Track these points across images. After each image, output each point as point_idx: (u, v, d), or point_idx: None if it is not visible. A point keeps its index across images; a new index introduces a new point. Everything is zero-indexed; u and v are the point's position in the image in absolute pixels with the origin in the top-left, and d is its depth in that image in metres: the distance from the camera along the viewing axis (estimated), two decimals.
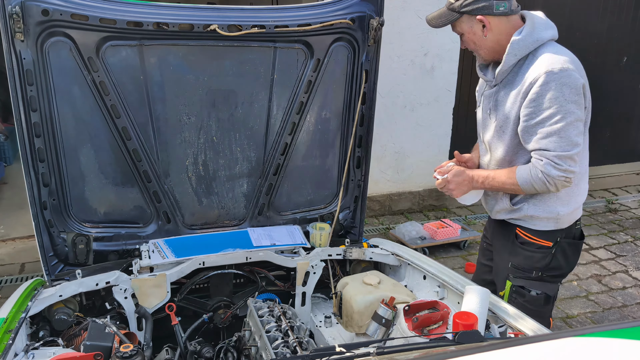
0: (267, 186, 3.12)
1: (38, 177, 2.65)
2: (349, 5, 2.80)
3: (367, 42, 2.89)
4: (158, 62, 2.66)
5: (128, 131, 2.74)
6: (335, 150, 3.19)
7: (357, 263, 3.17)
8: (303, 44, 2.83)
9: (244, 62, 2.79)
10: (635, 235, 5.80)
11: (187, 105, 2.79)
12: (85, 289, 2.61)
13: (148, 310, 2.68)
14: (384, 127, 5.73)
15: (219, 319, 2.88)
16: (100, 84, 2.60)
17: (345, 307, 2.70)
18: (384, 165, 5.99)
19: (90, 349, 2.12)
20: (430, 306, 2.46)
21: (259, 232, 3.10)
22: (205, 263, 2.82)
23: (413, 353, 1.73)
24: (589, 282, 4.85)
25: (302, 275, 2.96)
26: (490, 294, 2.37)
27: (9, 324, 2.21)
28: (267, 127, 2.98)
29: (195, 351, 2.55)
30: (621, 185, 7.28)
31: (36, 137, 2.59)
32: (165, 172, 2.90)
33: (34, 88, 2.49)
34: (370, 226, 5.91)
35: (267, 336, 2.33)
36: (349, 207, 3.33)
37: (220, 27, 2.60)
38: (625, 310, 4.43)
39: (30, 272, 4.83)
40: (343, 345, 1.73)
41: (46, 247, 2.76)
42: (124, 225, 2.97)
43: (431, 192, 6.32)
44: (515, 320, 2.29)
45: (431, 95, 5.91)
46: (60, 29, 2.44)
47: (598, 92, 7.66)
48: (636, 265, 5.14)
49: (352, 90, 3.04)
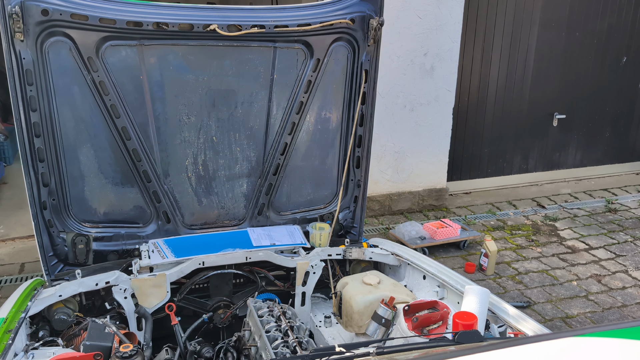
0: (267, 186, 3.13)
1: (38, 177, 2.65)
2: (348, 5, 2.80)
3: (366, 42, 2.89)
4: (158, 62, 2.66)
5: (128, 131, 2.74)
6: (335, 150, 3.19)
7: (357, 263, 3.17)
8: (303, 44, 2.83)
9: (244, 62, 2.79)
10: (635, 235, 5.80)
11: (186, 105, 2.80)
12: (85, 289, 2.61)
13: (148, 310, 2.68)
14: (384, 127, 5.73)
15: (218, 319, 2.88)
16: (100, 83, 2.60)
17: (345, 307, 2.70)
18: (384, 165, 5.99)
19: (90, 349, 2.12)
20: (430, 306, 2.46)
21: (259, 232, 3.10)
22: (205, 263, 2.82)
23: (413, 353, 1.73)
24: (589, 282, 4.85)
25: (302, 275, 2.96)
26: (490, 294, 2.37)
27: (9, 324, 2.21)
28: (266, 127, 2.98)
29: (195, 351, 2.55)
30: (621, 185, 7.28)
31: (36, 137, 2.59)
32: (165, 172, 2.90)
33: (34, 88, 2.50)
34: (370, 226, 5.91)
35: (267, 336, 2.33)
36: (349, 207, 3.33)
37: (220, 27, 2.60)
38: (625, 310, 4.43)
39: (30, 272, 4.83)
40: (343, 345, 1.73)
41: (46, 247, 2.76)
42: (123, 225, 2.97)
43: (431, 192, 6.32)
44: (515, 320, 2.29)
45: (431, 95, 5.91)
46: (60, 28, 2.44)
47: (598, 92, 7.72)
48: (636, 265, 5.14)
49: (351, 90, 3.04)
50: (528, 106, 6.89)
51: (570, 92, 7.00)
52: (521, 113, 6.89)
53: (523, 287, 4.74)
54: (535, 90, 6.84)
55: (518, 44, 6.56)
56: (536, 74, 6.77)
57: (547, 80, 6.86)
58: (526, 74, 6.73)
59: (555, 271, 5.01)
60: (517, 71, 6.68)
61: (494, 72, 6.58)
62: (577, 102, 7.08)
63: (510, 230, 5.89)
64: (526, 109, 6.89)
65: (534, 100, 6.88)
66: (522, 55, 6.62)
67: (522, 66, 6.68)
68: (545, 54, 6.72)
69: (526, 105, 6.87)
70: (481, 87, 6.59)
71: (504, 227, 5.96)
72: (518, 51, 6.59)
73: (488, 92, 6.64)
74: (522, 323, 2.25)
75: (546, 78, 6.84)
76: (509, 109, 6.82)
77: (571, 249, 5.47)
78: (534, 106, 6.91)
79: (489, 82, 6.60)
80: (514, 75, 6.68)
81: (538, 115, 6.98)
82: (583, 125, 7.25)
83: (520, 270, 5.03)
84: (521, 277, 4.89)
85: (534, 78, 6.78)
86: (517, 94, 6.78)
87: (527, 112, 6.91)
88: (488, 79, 6.59)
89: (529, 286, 4.74)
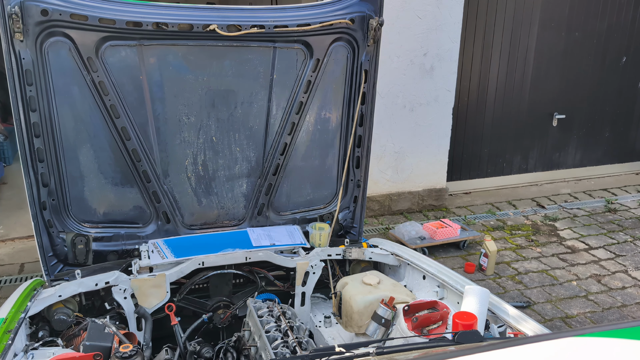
0: (267, 186, 3.12)
1: (37, 177, 2.65)
2: (348, 5, 2.80)
3: (366, 42, 2.89)
4: (157, 62, 2.66)
5: (127, 131, 2.74)
6: (335, 150, 3.19)
7: (357, 263, 3.17)
8: (302, 44, 2.83)
9: (244, 62, 2.79)
10: (634, 235, 5.80)
11: (186, 105, 2.79)
12: (84, 289, 2.61)
13: (147, 311, 2.68)
14: (384, 127, 5.73)
15: (218, 319, 2.88)
16: (99, 84, 2.60)
17: (344, 307, 2.70)
18: (384, 165, 5.99)
19: (90, 349, 2.12)
20: (429, 306, 2.46)
21: (259, 232, 3.10)
22: (205, 263, 2.81)
23: (412, 353, 1.73)
24: (589, 282, 4.85)
25: (302, 275, 2.96)
26: (490, 294, 2.37)
27: (9, 324, 2.21)
28: (266, 127, 2.98)
29: (194, 351, 2.55)
30: (620, 185, 7.28)
31: (35, 137, 2.58)
32: (165, 172, 2.90)
33: (33, 88, 2.49)
34: (370, 226, 5.91)
35: (267, 336, 2.33)
36: (349, 207, 3.33)
37: (220, 27, 2.60)
38: (624, 310, 4.44)
39: (30, 272, 4.82)
40: (343, 345, 1.73)
41: (45, 247, 2.76)
42: (123, 225, 2.97)
43: (430, 192, 6.32)
44: (515, 320, 2.29)
45: (431, 95, 5.91)
46: (59, 29, 2.44)
47: (597, 92, 7.72)
48: (635, 265, 5.14)
49: (351, 90, 3.04)
50: (528, 106, 6.89)
51: (570, 92, 7.00)
52: (521, 113, 6.89)
53: (523, 287, 4.74)
54: (535, 90, 6.84)
55: (518, 44, 6.57)
56: (536, 74, 6.77)
57: (547, 80, 6.86)
58: (526, 74, 6.73)
59: (555, 271, 5.01)
60: (516, 71, 6.68)
61: (494, 72, 6.58)
62: (577, 102, 7.09)
63: (510, 230, 5.90)
64: (526, 109, 6.89)
65: (534, 100, 6.88)
66: (521, 55, 6.62)
67: (522, 66, 6.68)
68: (545, 54, 6.72)
69: (526, 105, 6.87)
70: (481, 87, 6.59)
71: (504, 227, 5.96)
72: (518, 51, 6.59)
73: (488, 92, 6.65)
74: (522, 323, 2.25)
75: (546, 78, 6.84)
76: (509, 109, 6.82)
77: (571, 249, 5.47)
78: (533, 106, 6.91)
79: (489, 82, 6.60)
80: (513, 75, 6.68)
81: (538, 115, 6.98)
82: (583, 125, 7.25)
83: (520, 270, 5.03)
84: (521, 277, 4.89)
85: (533, 78, 6.78)
86: (516, 94, 6.78)
87: (527, 112, 6.91)
88: (488, 79, 6.59)
89: (529, 286, 4.74)
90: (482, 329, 2.18)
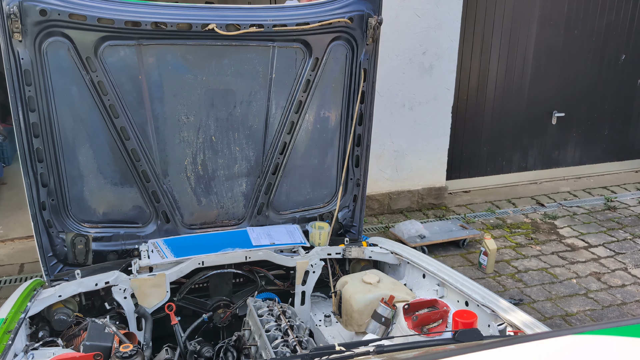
0: (266, 185, 3.12)
1: (37, 178, 2.65)
2: (347, 4, 2.80)
3: (365, 41, 2.89)
4: (156, 62, 2.66)
5: (127, 131, 2.73)
6: (334, 149, 3.19)
7: (357, 262, 3.17)
8: (301, 43, 2.83)
9: (243, 61, 2.79)
10: (634, 232, 5.81)
11: (185, 105, 2.79)
12: (84, 289, 2.61)
13: (147, 310, 2.68)
14: (383, 125, 5.73)
15: (218, 318, 2.88)
16: (98, 83, 2.60)
17: (344, 306, 2.70)
18: (383, 164, 5.99)
19: (90, 349, 2.12)
20: (429, 305, 2.46)
21: (258, 232, 3.10)
22: (205, 263, 2.82)
23: (413, 352, 1.73)
24: (588, 279, 4.85)
25: (302, 275, 2.96)
26: (486, 290, 2.37)
27: (9, 325, 2.21)
28: (265, 127, 2.98)
29: (195, 351, 2.56)
30: (620, 183, 7.28)
31: (35, 138, 2.58)
32: (164, 172, 2.90)
33: (32, 88, 2.49)
34: (370, 225, 5.91)
35: (267, 335, 2.33)
36: (348, 206, 3.33)
37: (219, 27, 2.59)
38: (624, 307, 4.44)
39: (30, 272, 4.82)
40: (343, 344, 1.73)
41: (45, 248, 2.76)
42: (123, 225, 2.97)
43: (430, 190, 6.32)
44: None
45: (430, 93, 5.91)
46: (58, 28, 2.43)
47: (596, 90, 7.72)
48: (635, 262, 5.15)
49: (350, 89, 3.04)
50: (527, 104, 6.89)
51: (569, 90, 7.00)
52: (520, 111, 6.89)
53: (522, 285, 4.74)
54: (534, 88, 6.84)
55: (517, 42, 6.56)
56: (535, 72, 6.77)
57: (546, 78, 6.86)
58: (525, 72, 6.73)
59: (555, 269, 5.02)
60: (515, 69, 6.68)
61: (493, 71, 6.58)
62: (576, 100, 7.08)
63: (509, 228, 5.90)
64: (525, 107, 6.89)
65: (533, 98, 6.88)
66: (520, 53, 6.62)
67: (521, 64, 6.68)
68: (544, 52, 6.72)
69: (525, 103, 6.87)
70: (480, 85, 6.59)
71: (504, 226, 5.96)
72: (517, 49, 6.59)
73: (487, 91, 6.64)
74: (522, 321, 2.25)
75: (545, 76, 6.84)
76: (508, 107, 6.82)
77: (570, 247, 5.48)
78: (532, 104, 6.91)
79: (488, 80, 6.60)
80: (512, 73, 6.68)
81: (537, 113, 6.98)
82: (582, 123, 7.25)
83: (519, 268, 5.03)
84: (521, 275, 4.90)
85: (532, 76, 6.78)
86: (516, 92, 6.78)
87: (526, 111, 6.91)
88: (487, 78, 6.58)
89: (529, 284, 4.75)
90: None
